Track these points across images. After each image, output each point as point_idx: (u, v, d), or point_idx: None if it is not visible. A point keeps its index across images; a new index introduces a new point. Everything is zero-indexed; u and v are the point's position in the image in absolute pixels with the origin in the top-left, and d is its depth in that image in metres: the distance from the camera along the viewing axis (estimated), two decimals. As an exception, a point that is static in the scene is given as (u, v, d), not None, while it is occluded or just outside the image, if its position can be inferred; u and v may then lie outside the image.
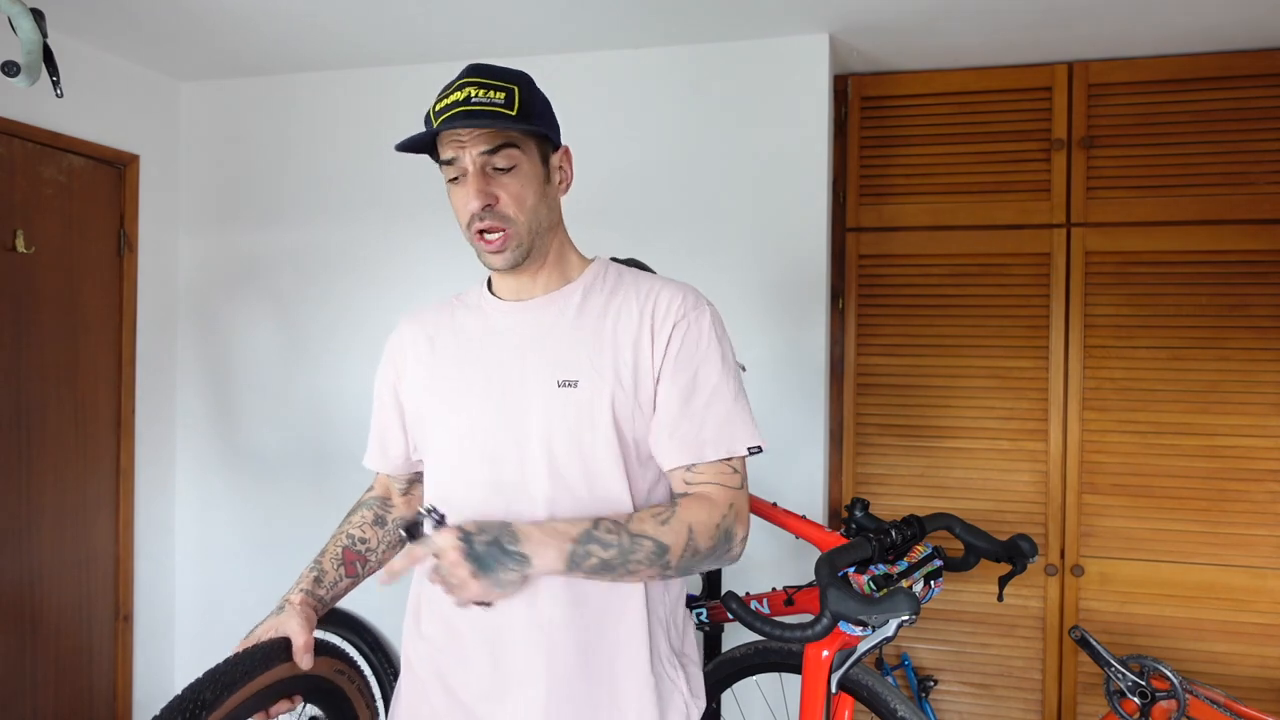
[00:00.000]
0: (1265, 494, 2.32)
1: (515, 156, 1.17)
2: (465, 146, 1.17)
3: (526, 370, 1.22)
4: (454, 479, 1.25)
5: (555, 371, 1.20)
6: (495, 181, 1.17)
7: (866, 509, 1.88)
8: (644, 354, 1.21)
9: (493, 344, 1.26)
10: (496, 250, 1.20)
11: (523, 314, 1.26)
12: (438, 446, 1.28)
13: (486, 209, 1.17)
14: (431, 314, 1.36)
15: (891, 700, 1.68)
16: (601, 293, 1.26)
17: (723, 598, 1.47)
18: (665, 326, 1.21)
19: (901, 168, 2.56)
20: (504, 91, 1.16)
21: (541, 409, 1.19)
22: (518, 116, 1.15)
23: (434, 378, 1.29)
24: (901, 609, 1.35)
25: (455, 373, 1.27)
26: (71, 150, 2.48)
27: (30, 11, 1.41)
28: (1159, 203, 2.40)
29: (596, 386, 1.19)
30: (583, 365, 1.20)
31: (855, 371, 2.58)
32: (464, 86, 1.16)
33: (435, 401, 1.28)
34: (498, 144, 1.16)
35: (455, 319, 1.33)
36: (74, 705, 2.53)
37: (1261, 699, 2.29)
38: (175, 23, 2.35)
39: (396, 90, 2.66)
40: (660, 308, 1.22)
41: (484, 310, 1.31)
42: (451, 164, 1.19)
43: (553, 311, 1.25)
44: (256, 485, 2.79)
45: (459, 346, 1.29)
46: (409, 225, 2.65)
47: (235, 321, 2.82)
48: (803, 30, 2.34)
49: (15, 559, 2.36)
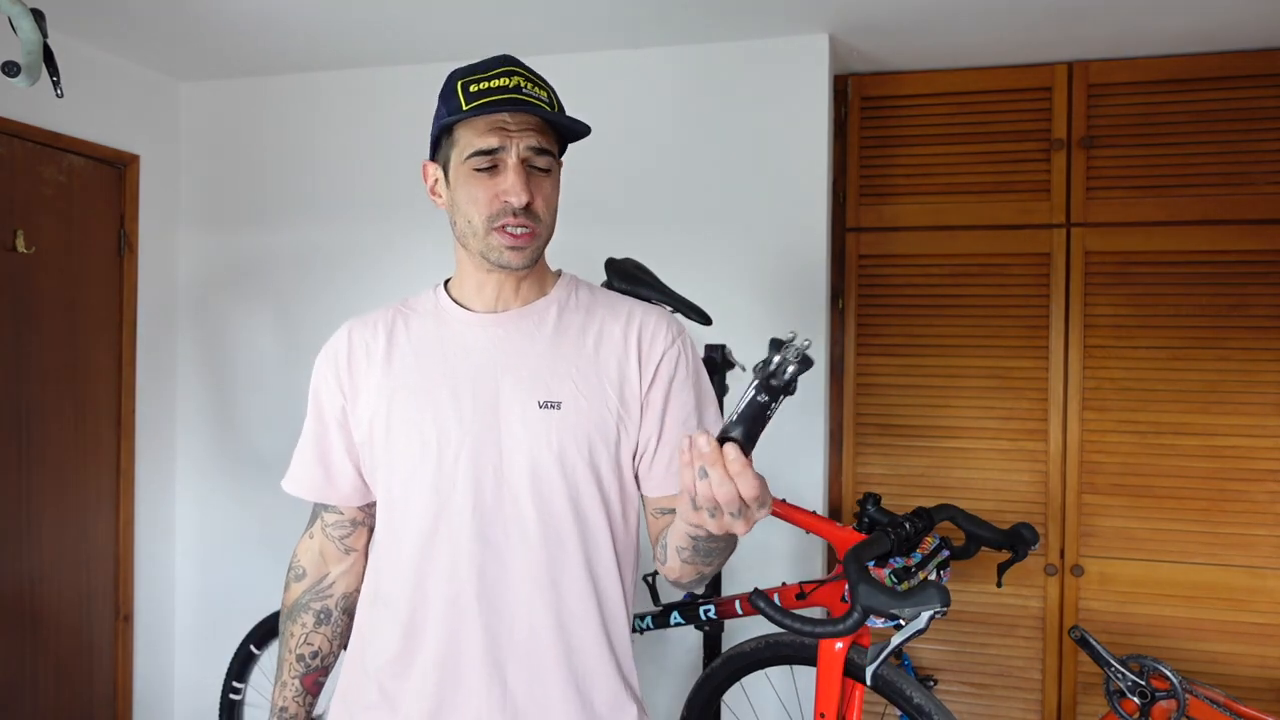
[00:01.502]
0: (1265, 494, 2.32)
1: (551, 162, 1.15)
2: (513, 137, 1.10)
3: (501, 390, 1.14)
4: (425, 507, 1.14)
5: (536, 392, 1.14)
6: (534, 180, 1.12)
7: (879, 504, 1.89)
8: (630, 379, 1.17)
9: (460, 359, 1.17)
10: (520, 248, 1.12)
11: (495, 328, 1.18)
12: (401, 473, 1.16)
13: (526, 207, 1.11)
14: (383, 320, 1.25)
15: (907, 688, 1.69)
16: (577, 310, 1.22)
17: (750, 596, 1.47)
18: (654, 353, 1.18)
19: (901, 168, 2.56)
20: (546, 90, 1.13)
21: (521, 430, 1.13)
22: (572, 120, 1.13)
23: (393, 394, 1.18)
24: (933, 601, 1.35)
25: (418, 389, 1.17)
26: (71, 150, 2.48)
27: (30, 11, 1.41)
28: (1159, 203, 2.40)
29: (581, 408, 1.14)
30: (565, 386, 1.14)
31: (855, 371, 2.58)
32: (511, 74, 1.11)
33: (395, 423, 1.17)
34: (545, 145, 1.12)
35: (411, 326, 1.22)
36: (74, 705, 2.54)
37: (1261, 699, 2.29)
38: (175, 23, 2.35)
39: (396, 90, 2.66)
40: (646, 334, 1.19)
41: (445, 320, 1.21)
42: (489, 153, 1.10)
43: (528, 326, 1.18)
44: (256, 485, 2.79)
45: (419, 359, 1.19)
46: (408, 225, 2.65)
47: (235, 321, 2.82)
48: (803, 30, 2.34)
49: (15, 559, 2.36)
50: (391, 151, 2.67)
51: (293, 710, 1.26)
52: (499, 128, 1.10)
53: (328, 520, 1.27)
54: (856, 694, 1.73)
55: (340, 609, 1.27)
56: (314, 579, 1.27)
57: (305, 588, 1.27)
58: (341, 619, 1.27)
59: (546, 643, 1.13)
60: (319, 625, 1.26)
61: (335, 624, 1.27)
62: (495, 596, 1.13)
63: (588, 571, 1.15)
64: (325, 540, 1.27)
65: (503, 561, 1.13)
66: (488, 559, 1.12)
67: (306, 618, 1.26)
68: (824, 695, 1.68)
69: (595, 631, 1.15)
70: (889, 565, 1.62)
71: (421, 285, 2.70)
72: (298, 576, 1.28)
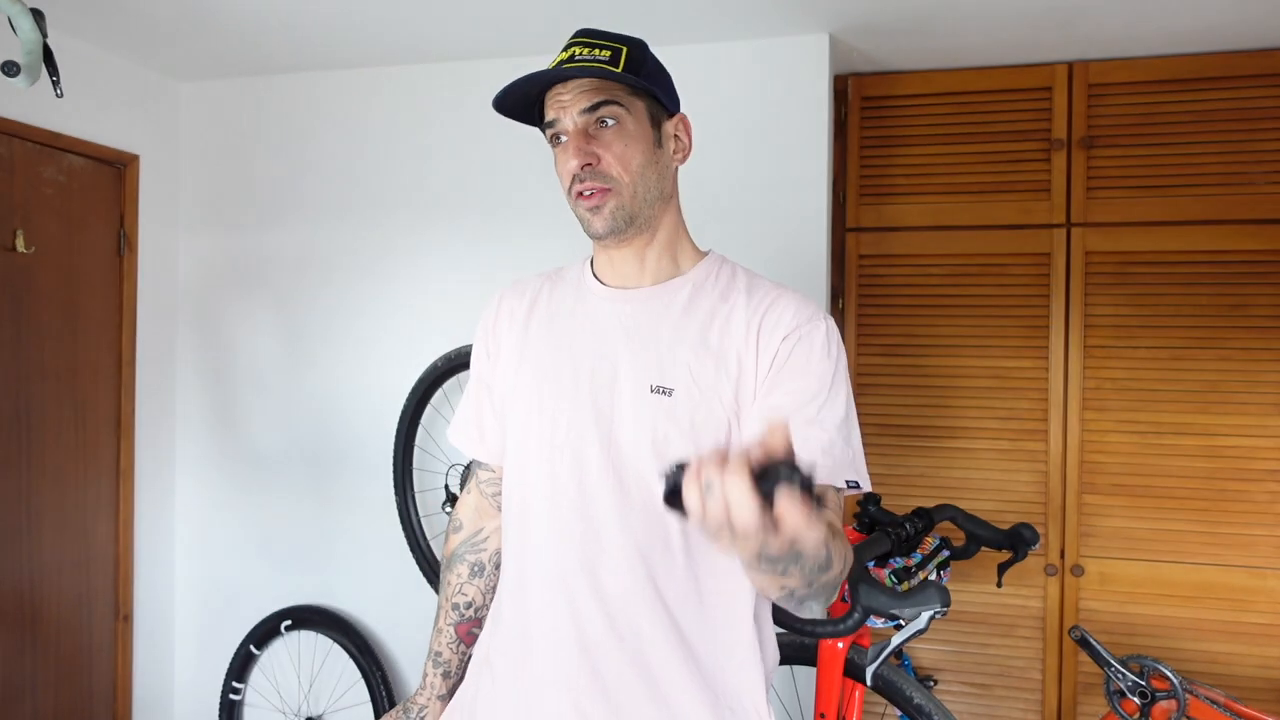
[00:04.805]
0: (1265, 494, 2.31)
1: (618, 113, 1.10)
2: (566, 108, 1.10)
3: (619, 369, 1.13)
4: (535, 477, 1.15)
5: (650, 375, 1.11)
6: (597, 140, 1.10)
7: (879, 504, 1.89)
8: (747, 369, 1.10)
9: (587, 332, 1.17)
10: (595, 207, 1.09)
11: (624, 304, 1.16)
12: (518, 439, 1.19)
13: (587, 168, 1.09)
14: (531, 288, 1.26)
15: (907, 688, 1.69)
16: (712, 293, 1.16)
17: None
18: (773, 340, 1.10)
19: (901, 168, 2.56)
20: (610, 50, 1.10)
21: (630, 414, 1.11)
22: (623, 72, 1.08)
23: (523, 360, 1.20)
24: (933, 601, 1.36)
25: (545, 357, 1.18)
26: (71, 150, 2.48)
27: (30, 11, 1.41)
28: (1159, 203, 2.39)
29: (692, 398, 1.09)
30: (680, 373, 1.10)
31: (855, 371, 2.58)
32: (570, 47, 1.12)
33: (522, 389, 1.19)
34: (598, 100, 1.09)
35: (554, 295, 1.23)
36: (74, 705, 2.53)
37: (1261, 699, 2.29)
38: (175, 23, 2.35)
39: (396, 90, 2.66)
40: (770, 319, 1.11)
41: (582, 291, 1.21)
42: (554, 125, 1.12)
43: (657, 307, 1.15)
44: (256, 485, 2.79)
45: (552, 328, 1.20)
46: (409, 225, 2.65)
47: (235, 321, 2.82)
48: (803, 30, 2.34)
49: (15, 559, 2.36)
50: (392, 151, 2.67)
51: (446, 656, 1.29)
52: (555, 101, 1.12)
53: (481, 477, 1.31)
54: (856, 694, 1.73)
55: (494, 564, 1.30)
56: (470, 532, 1.31)
57: (462, 539, 1.31)
58: (494, 574, 1.30)
59: (643, 632, 1.08)
60: (473, 577, 1.30)
61: (489, 578, 1.30)
62: (589, 573, 1.10)
63: (689, 566, 1.10)
64: (480, 497, 1.31)
65: (600, 541, 1.11)
66: (588, 536, 1.11)
67: (461, 568, 1.30)
68: (824, 695, 1.69)
69: (692, 626, 1.09)
70: (889, 565, 1.62)
71: (421, 284, 2.72)
72: (456, 529, 1.32)
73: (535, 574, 1.15)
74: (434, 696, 1.27)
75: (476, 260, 2.59)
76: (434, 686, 1.27)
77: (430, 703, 1.27)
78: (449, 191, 2.61)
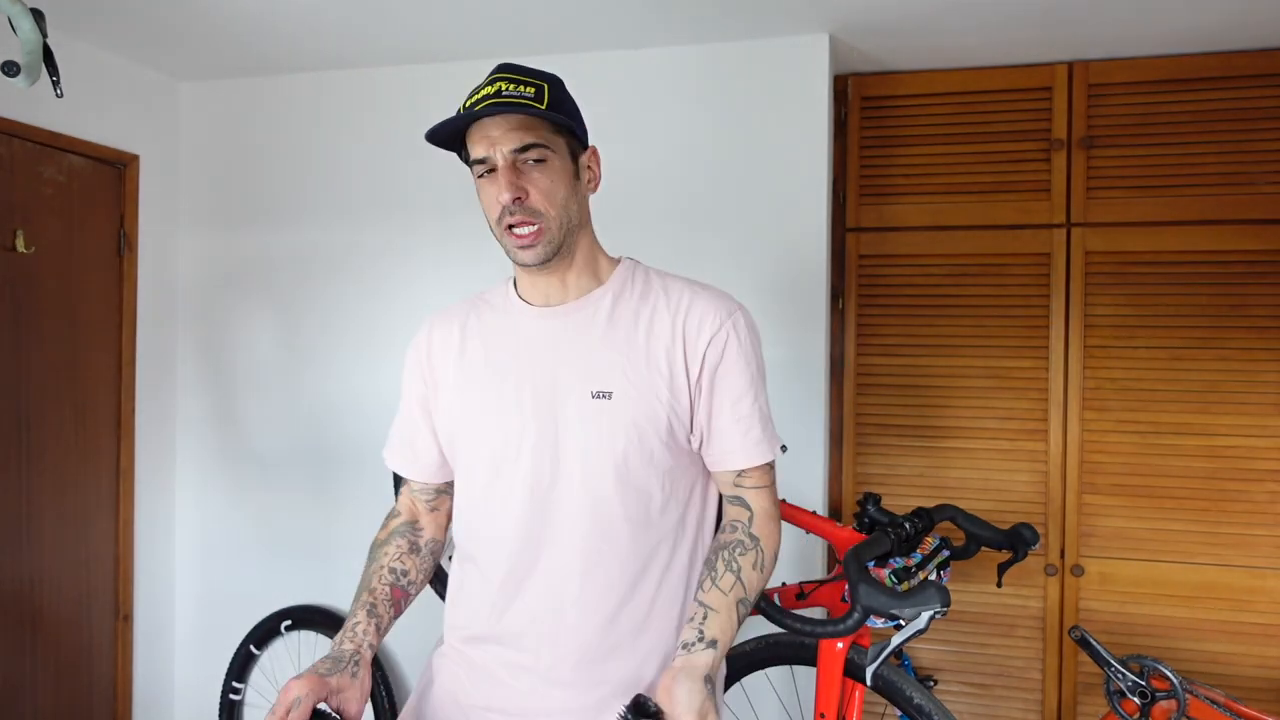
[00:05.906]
0: (1265, 494, 2.32)
1: (545, 154, 1.18)
2: (496, 144, 1.16)
3: (559, 380, 1.21)
4: (488, 493, 1.24)
5: (589, 382, 1.20)
6: (526, 176, 1.17)
7: (879, 503, 1.89)
8: (678, 367, 1.21)
9: (523, 351, 1.25)
10: (527, 245, 1.18)
11: (552, 320, 1.25)
12: (469, 459, 1.27)
13: (517, 202, 1.16)
14: (458, 316, 1.34)
15: (907, 688, 1.69)
16: (631, 297, 1.26)
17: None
18: (700, 340, 1.22)
19: (901, 168, 2.56)
20: (534, 87, 1.16)
21: (575, 420, 1.19)
22: (547, 110, 1.15)
23: (466, 385, 1.28)
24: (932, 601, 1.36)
25: (486, 381, 1.26)
26: (71, 150, 2.48)
27: (30, 11, 1.41)
28: (1159, 203, 2.39)
29: (630, 397, 1.19)
30: (616, 376, 1.20)
31: (855, 371, 2.58)
32: (495, 81, 1.17)
33: (467, 412, 1.27)
34: (528, 143, 1.16)
35: (483, 321, 1.31)
36: (74, 705, 2.54)
37: (1261, 699, 2.29)
38: (175, 23, 2.35)
39: (396, 90, 2.66)
40: (693, 321, 1.22)
41: (511, 314, 1.29)
42: (482, 162, 1.18)
43: (583, 318, 1.24)
44: (256, 485, 2.80)
45: (487, 352, 1.28)
46: (408, 225, 2.65)
47: (235, 321, 2.82)
48: (803, 30, 2.34)
49: (15, 559, 2.36)
50: (391, 152, 2.67)
51: (380, 610, 1.31)
52: (483, 137, 1.17)
53: (415, 487, 1.41)
54: (856, 694, 1.73)
55: (427, 550, 1.39)
56: (408, 519, 1.40)
57: (400, 522, 1.39)
58: (427, 558, 1.38)
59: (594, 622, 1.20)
60: (410, 553, 1.37)
61: (422, 559, 1.38)
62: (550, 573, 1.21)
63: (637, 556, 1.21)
64: (414, 501, 1.41)
65: (559, 543, 1.20)
66: (545, 540, 1.21)
67: (401, 542, 1.37)
68: (824, 695, 1.69)
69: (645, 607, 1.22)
70: (889, 565, 1.62)
71: (420, 284, 2.72)
72: (394, 514, 1.41)
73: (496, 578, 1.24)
74: (366, 644, 1.26)
75: (476, 260, 2.58)
76: (367, 633, 1.27)
77: (364, 649, 1.26)
78: (449, 191, 2.61)
